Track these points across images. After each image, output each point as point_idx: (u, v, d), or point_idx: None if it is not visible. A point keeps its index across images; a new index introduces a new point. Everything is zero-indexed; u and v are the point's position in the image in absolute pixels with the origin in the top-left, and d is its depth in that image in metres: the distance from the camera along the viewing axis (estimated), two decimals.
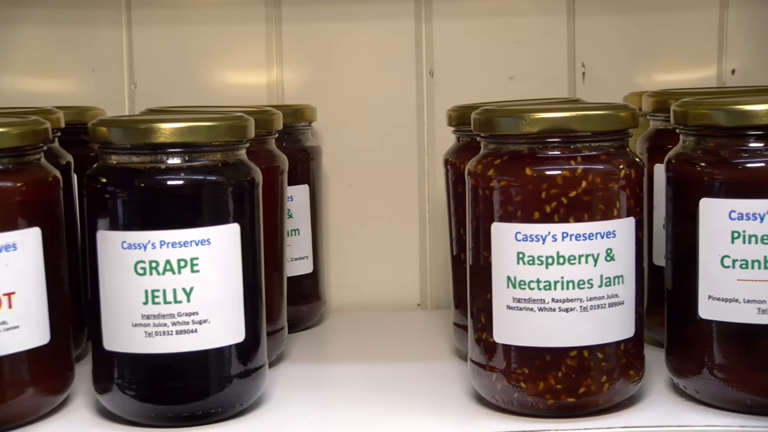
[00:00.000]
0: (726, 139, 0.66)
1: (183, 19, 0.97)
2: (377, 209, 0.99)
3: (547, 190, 0.65)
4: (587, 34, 0.98)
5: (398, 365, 0.80)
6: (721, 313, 0.67)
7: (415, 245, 0.99)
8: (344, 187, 0.98)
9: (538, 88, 0.96)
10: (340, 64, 0.98)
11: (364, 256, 0.99)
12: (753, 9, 0.98)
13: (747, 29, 0.98)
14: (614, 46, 0.98)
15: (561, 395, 0.67)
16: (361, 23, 0.97)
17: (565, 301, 0.66)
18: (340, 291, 0.99)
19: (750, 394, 0.67)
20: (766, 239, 0.65)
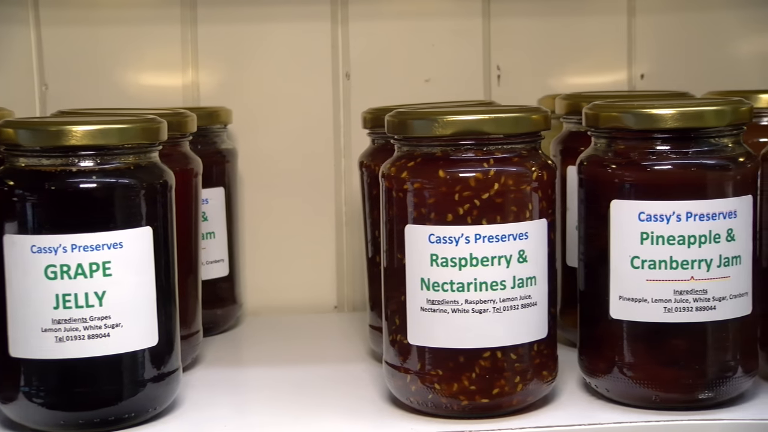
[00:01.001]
0: (635, 142, 0.68)
1: (95, 19, 0.96)
2: (294, 212, 0.98)
3: (460, 192, 0.66)
4: (502, 37, 0.98)
5: (314, 368, 0.80)
6: (631, 312, 0.68)
7: (332, 247, 0.99)
8: (260, 190, 0.98)
9: (454, 90, 0.96)
10: (256, 66, 0.97)
11: (280, 259, 0.99)
12: (659, 16, 0.99)
13: (654, 35, 0.99)
14: (529, 50, 0.99)
15: (475, 396, 0.67)
16: (277, 25, 0.97)
17: (478, 302, 0.66)
18: (256, 294, 0.98)
19: (656, 391, 0.68)
20: (672, 240, 0.66)
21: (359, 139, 0.89)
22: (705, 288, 0.67)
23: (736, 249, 0.67)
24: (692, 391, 0.68)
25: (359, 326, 0.91)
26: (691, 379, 0.68)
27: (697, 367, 0.68)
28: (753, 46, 1.02)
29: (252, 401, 0.74)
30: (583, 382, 0.73)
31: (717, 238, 0.67)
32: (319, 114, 0.98)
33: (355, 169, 0.87)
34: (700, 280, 0.67)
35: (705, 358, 0.68)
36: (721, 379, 0.68)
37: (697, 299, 0.67)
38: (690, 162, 0.67)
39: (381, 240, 0.70)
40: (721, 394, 0.68)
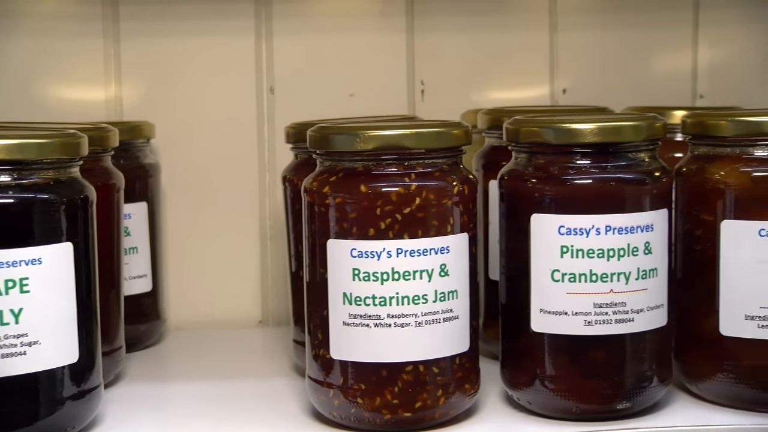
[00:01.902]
0: (555, 156, 0.68)
1: (16, 31, 0.95)
2: (218, 226, 0.98)
3: (381, 206, 0.66)
4: (426, 51, 0.99)
5: (238, 383, 0.80)
6: (552, 325, 0.68)
7: (256, 262, 0.99)
8: (184, 204, 0.97)
9: (379, 104, 0.96)
10: (180, 80, 0.97)
11: (204, 274, 0.98)
12: (580, 33, 1.01)
13: (576, 52, 1.01)
14: (453, 64, 1.00)
15: (398, 410, 0.67)
16: (201, 40, 0.97)
17: (400, 316, 0.66)
18: (180, 309, 0.98)
19: (577, 402, 0.69)
20: (592, 253, 0.67)
21: (283, 154, 0.89)
22: (624, 300, 0.68)
23: (653, 261, 0.68)
24: (611, 401, 0.69)
25: (283, 341, 0.91)
26: (610, 390, 0.69)
27: (615, 378, 0.69)
28: (669, 64, 1.04)
29: (175, 417, 0.74)
30: (506, 394, 0.74)
31: (635, 251, 0.68)
32: (243, 128, 0.98)
33: (280, 184, 0.86)
34: (619, 292, 0.68)
35: (623, 369, 0.69)
36: (638, 389, 0.69)
37: (616, 311, 0.68)
38: (608, 176, 0.68)
39: (304, 254, 0.70)
40: (638, 403, 0.70)
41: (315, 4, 0.99)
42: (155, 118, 0.93)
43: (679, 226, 0.73)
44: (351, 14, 1.00)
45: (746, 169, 0.70)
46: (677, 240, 0.73)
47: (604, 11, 1.02)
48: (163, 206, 0.95)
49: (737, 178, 0.70)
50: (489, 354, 0.82)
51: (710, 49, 1.03)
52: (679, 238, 0.73)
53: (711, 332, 0.71)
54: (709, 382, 0.72)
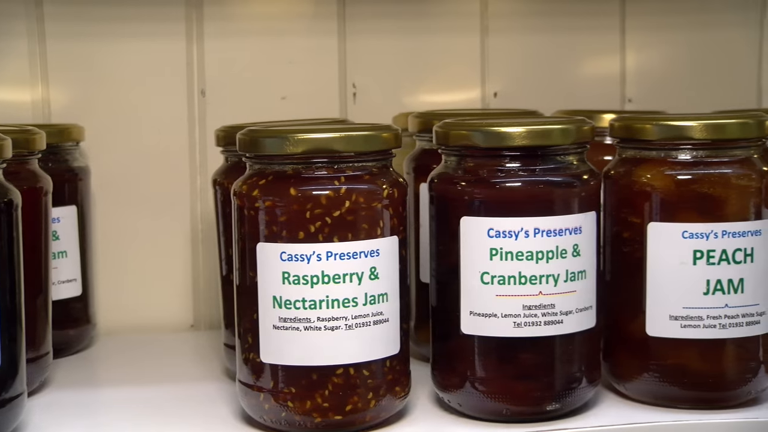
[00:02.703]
0: (484, 160, 0.69)
1: None
2: (149, 230, 0.97)
3: (311, 210, 0.66)
4: (358, 55, 0.99)
5: (168, 387, 0.79)
6: (481, 328, 0.69)
7: (188, 266, 0.98)
8: (115, 208, 0.96)
9: (310, 108, 0.96)
10: (110, 83, 0.96)
11: (136, 278, 0.97)
12: (511, 37, 1.02)
13: (507, 55, 1.02)
14: (385, 68, 1.00)
15: (328, 413, 0.67)
16: (131, 42, 0.96)
17: (330, 319, 0.66)
18: (111, 313, 0.97)
19: (507, 404, 0.69)
20: (521, 256, 0.68)
21: (215, 157, 0.88)
22: (553, 302, 0.68)
23: (582, 264, 0.69)
24: (541, 403, 0.69)
25: (215, 345, 0.90)
26: (540, 392, 0.69)
27: (545, 379, 0.69)
28: (598, 68, 1.05)
29: (103, 423, 0.73)
30: (436, 397, 0.74)
31: (563, 253, 0.68)
32: (174, 131, 0.97)
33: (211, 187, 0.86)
34: (548, 294, 0.68)
35: (553, 370, 0.69)
36: (567, 391, 0.70)
37: (545, 314, 0.68)
38: (537, 179, 0.68)
39: (233, 258, 0.69)
40: (568, 404, 0.70)
41: (246, 7, 0.99)
42: (85, 121, 0.92)
43: (608, 228, 0.74)
44: (283, 17, 0.99)
45: (671, 172, 0.71)
46: (605, 242, 0.74)
47: (535, 15, 1.03)
48: (94, 210, 0.94)
49: (662, 181, 0.71)
50: (420, 356, 0.82)
51: (637, 54, 1.04)
52: (607, 241, 0.74)
53: (638, 333, 0.72)
54: (635, 381, 0.73)
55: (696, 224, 0.70)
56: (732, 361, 0.71)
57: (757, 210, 0.71)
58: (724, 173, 0.71)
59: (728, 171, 0.71)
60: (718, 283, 0.70)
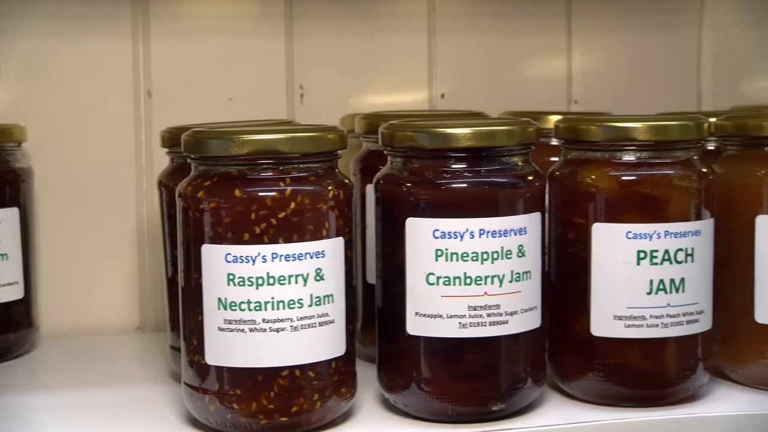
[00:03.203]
0: (430, 161, 0.69)
1: None
2: (94, 231, 0.96)
3: (256, 211, 0.66)
4: (305, 56, 0.99)
5: (113, 390, 0.79)
6: (427, 328, 0.69)
7: (134, 268, 0.98)
8: (58, 209, 0.95)
9: (258, 109, 0.96)
10: (54, 83, 0.95)
11: (80, 280, 0.96)
12: (459, 38, 1.02)
13: (454, 56, 1.02)
14: (332, 69, 1.00)
15: (274, 415, 0.67)
16: (75, 42, 0.95)
17: (275, 321, 0.66)
18: (55, 316, 0.95)
19: (452, 405, 0.69)
20: (466, 257, 0.68)
21: (161, 158, 0.87)
22: (498, 303, 0.69)
23: (527, 264, 0.69)
24: (486, 403, 0.70)
25: (161, 347, 0.89)
26: (485, 392, 0.70)
27: (490, 379, 0.69)
28: (545, 69, 1.06)
29: (45, 428, 0.72)
30: (382, 398, 0.74)
31: (509, 254, 0.69)
32: (120, 132, 0.96)
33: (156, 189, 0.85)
34: (493, 295, 0.68)
35: (498, 371, 0.70)
36: (513, 391, 0.70)
37: (490, 314, 0.69)
38: (482, 180, 0.69)
39: (179, 260, 0.69)
40: (513, 404, 0.70)
41: (192, 8, 0.98)
42: (28, 121, 0.91)
43: (553, 229, 0.74)
44: (229, 18, 0.99)
45: (615, 173, 0.71)
46: (551, 243, 0.74)
47: (482, 17, 1.03)
48: (37, 211, 0.93)
49: (607, 182, 0.71)
50: (367, 357, 0.82)
51: (583, 56, 1.05)
52: (552, 241, 0.74)
53: (583, 333, 0.72)
54: (580, 381, 0.73)
55: (640, 225, 0.71)
56: (673, 360, 0.72)
57: (697, 211, 0.72)
58: (666, 174, 0.71)
59: (670, 172, 0.71)
60: (660, 283, 0.71)
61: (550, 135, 0.81)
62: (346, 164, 0.85)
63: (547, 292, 0.73)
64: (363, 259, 0.83)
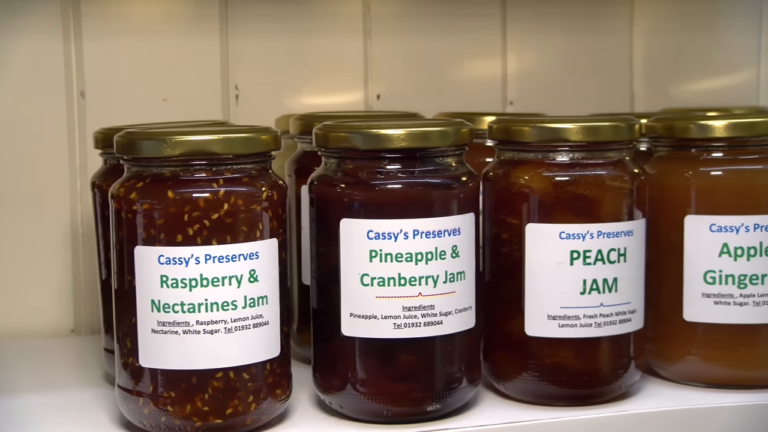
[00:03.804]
0: (364, 162, 0.69)
1: None
2: (28, 233, 0.95)
3: (189, 212, 0.65)
4: (240, 56, 0.99)
5: (46, 395, 0.78)
6: (362, 329, 0.69)
7: (68, 270, 0.97)
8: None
9: (193, 110, 0.95)
10: None
11: (14, 283, 0.95)
12: (394, 39, 1.02)
13: (390, 57, 1.02)
14: (267, 70, 1.00)
15: (208, 417, 0.67)
16: (5, 41, 0.94)
17: (209, 323, 0.66)
18: None
19: (388, 405, 0.70)
20: (400, 257, 0.68)
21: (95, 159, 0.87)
22: (432, 304, 0.69)
23: (461, 265, 0.70)
24: (421, 403, 0.70)
25: (96, 350, 0.89)
26: (420, 393, 0.70)
27: (425, 380, 0.70)
28: (480, 70, 1.06)
29: None
30: (318, 399, 0.74)
31: (442, 254, 0.69)
32: (53, 133, 0.95)
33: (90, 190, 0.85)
34: (428, 296, 0.69)
35: (433, 371, 0.70)
36: (448, 391, 0.70)
37: (424, 315, 0.69)
38: (416, 181, 0.69)
39: (111, 262, 0.68)
40: (448, 404, 0.71)
41: (125, 7, 0.97)
42: None
43: (487, 229, 0.75)
44: (163, 17, 0.98)
45: (548, 173, 0.72)
46: (485, 243, 0.75)
47: (418, 18, 1.04)
48: None
49: (540, 182, 0.72)
50: (303, 359, 0.82)
51: (518, 57, 1.06)
52: (486, 242, 0.75)
53: (517, 333, 0.73)
54: (515, 381, 0.74)
55: (572, 225, 0.71)
56: (606, 359, 0.73)
57: (629, 211, 0.72)
58: (598, 175, 0.72)
59: (602, 173, 0.72)
60: (593, 283, 0.72)
61: (485, 136, 0.81)
62: (281, 165, 0.85)
63: (482, 293, 0.73)
64: (298, 261, 0.83)
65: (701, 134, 0.76)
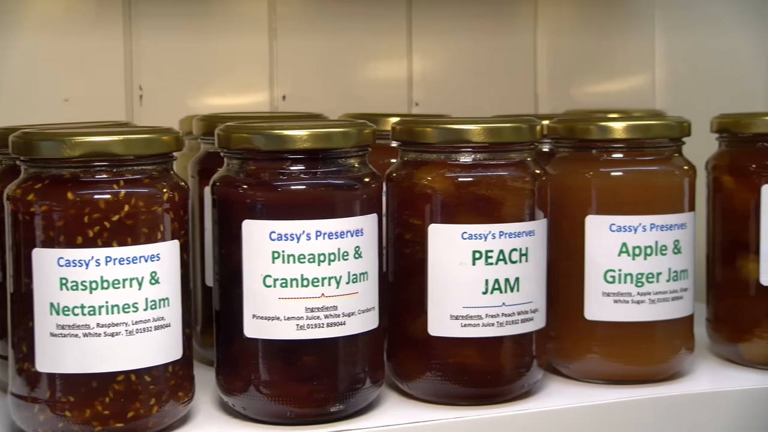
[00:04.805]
0: (266, 163, 0.69)
1: None
2: None
3: (89, 214, 0.64)
4: (144, 57, 0.98)
5: None
6: (265, 331, 0.69)
7: None
8: None
9: (96, 110, 0.94)
10: None
11: None
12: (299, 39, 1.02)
13: (295, 58, 1.02)
14: (172, 70, 0.99)
15: (109, 421, 0.66)
16: None
17: (110, 325, 0.65)
18: None
19: (291, 407, 0.69)
20: (303, 258, 0.68)
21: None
22: (335, 304, 0.69)
23: (364, 266, 0.70)
24: (325, 404, 0.70)
25: None
26: (324, 394, 0.70)
27: (328, 381, 0.70)
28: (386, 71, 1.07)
29: None
30: (221, 401, 0.74)
31: (345, 255, 0.69)
32: None
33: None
34: (331, 296, 0.69)
35: (336, 372, 0.70)
36: (351, 392, 0.70)
37: (327, 315, 0.69)
38: (318, 182, 0.69)
39: (7, 265, 0.67)
40: (352, 405, 0.71)
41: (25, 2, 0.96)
42: None
43: (390, 230, 0.75)
44: (65, 15, 0.97)
45: (451, 174, 0.72)
46: (388, 244, 0.75)
47: (324, 18, 1.04)
48: None
49: (442, 183, 0.72)
50: (207, 361, 0.81)
51: (424, 58, 1.07)
52: (390, 242, 0.75)
53: (420, 333, 0.73)
54: (418, 380, 0.74)
55: (474, 225, 0.72)
56: (509, 358, 0.74)
57: (531, 211, 0.73)
58: (500, 176, 0.73)
59: (504, 173, 0.73)
60: (496, 283, 0.72)
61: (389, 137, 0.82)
62: (186, 166, 0.84)
63: (385, 293, 0.73)
64: (201, 262, 0.83)
65: (601, 136, 0.78)
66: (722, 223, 0.85)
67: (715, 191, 0.85)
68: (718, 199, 0.85)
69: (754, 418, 0.80)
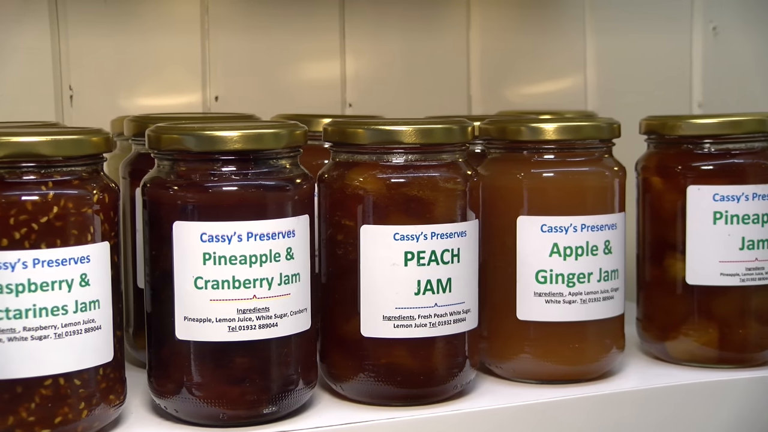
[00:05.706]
0: (197, 164, 0.69)
1: None
2: None
3: (16, 216, 0.63)
4: (75, 56, 0.96)
5: None
6: (196, 333, 0.68)
7: None
8: None
9: (24, 110, 0.93)
10: None
11: None
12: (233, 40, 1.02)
13: (228, 58, 1.01)
14: (102, 70, 0.98)
15: (34, 427, 0.65)
16: None
17: (38, 329, 0.64)
18: None
19: (223, 409, 0.69)
20: (234, 260, 0.68)
21: None
22: (267, 306, 0.69)
23: (296, 267, 0.70)
24: (257, 406, 0.70)
25: None
26: (256, 395, 0.69)
27: (261, 383, 0.69)
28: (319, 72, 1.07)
29: None
30: (153, 403, 0.73)
31: (277, 256, 0.69)
32: None
33: None
34: (262, 298, 0.69)
35: (269, 373, 0.70)
36: (284, 393, 0.70)
37: (259, 317, 0.69)
38: (250, 183, 0.69)
39: None
40: (285, 406, 0.71)
41: None
42: None
43: (323, 231, 0.75)
44: None
45: (383, 175, 0.72)
46: (321, 245, 0.75)
47: (257, 18, 1.03)
48: None
49: (374, 184, 0.72)
50: (140, 363, 0.81)
51: (357, 59, 1.07)
52: (322, 243, 0.75)
53: (353, 334, 0.73)
54: (352, 381, 0.74)
55: (406, 226, 0.72)
56: (441, 358, 0.74)
57: (462, 212, 0.74)
58: (432, 176, 0.73)
59: (436, 174, 0.73)
60: (428, 284, 0.73)
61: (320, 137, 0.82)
62: (117, 167, 0.84)
63: (317, 294, 0.73)
64: (133, 264, 0.82)
65: (532, 137, 0.78)
66: (651, 223, 0.86)
67: (644, 192, 0.86)
68: (646, 200, 0.86)
69: (680, 414, 0.81)
